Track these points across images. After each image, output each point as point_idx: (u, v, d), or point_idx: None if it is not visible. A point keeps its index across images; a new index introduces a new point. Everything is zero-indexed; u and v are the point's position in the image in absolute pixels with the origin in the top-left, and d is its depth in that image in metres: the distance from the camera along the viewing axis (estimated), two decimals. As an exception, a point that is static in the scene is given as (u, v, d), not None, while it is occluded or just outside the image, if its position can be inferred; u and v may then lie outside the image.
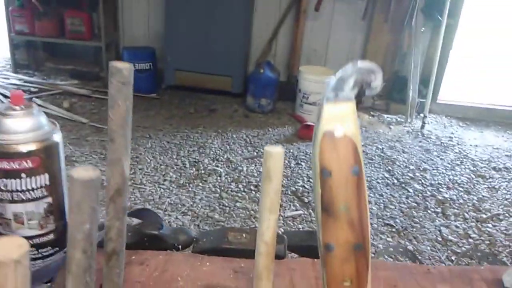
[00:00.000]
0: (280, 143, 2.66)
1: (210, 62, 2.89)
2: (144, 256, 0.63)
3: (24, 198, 0.50)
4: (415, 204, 2.23)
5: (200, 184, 2.16)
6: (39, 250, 0.54)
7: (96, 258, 0.41)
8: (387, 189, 2.35)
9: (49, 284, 0.53)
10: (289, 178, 2.32)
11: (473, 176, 2.51)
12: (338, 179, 0.30)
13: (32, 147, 0.49)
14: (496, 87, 3.42)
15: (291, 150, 2.54)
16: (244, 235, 0.68)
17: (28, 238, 0.52)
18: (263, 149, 0.37)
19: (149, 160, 2.33)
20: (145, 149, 2.44)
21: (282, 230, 0.98)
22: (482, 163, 2.64)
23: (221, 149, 2.52)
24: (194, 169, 2.30)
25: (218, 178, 2.24)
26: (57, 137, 0.52)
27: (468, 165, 2.61)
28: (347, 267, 0.32)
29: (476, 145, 2.82)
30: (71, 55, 3.35)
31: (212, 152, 2.48)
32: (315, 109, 2.90)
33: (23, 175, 0.49)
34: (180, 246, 0.68)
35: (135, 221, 0.70)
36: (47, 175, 0.51)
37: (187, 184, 2.15)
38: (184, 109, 2.93)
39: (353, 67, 0.28)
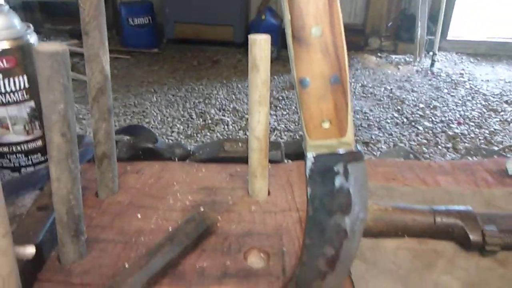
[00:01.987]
0: (285, 90, 2.62)
1: (209, 11, 2.80)
2: (139, 166, 0.62)
3: (4, 101, 0.48)
4: (425, 141, 2.18)
5: (208, 133, 2.15)
6: (29, 157, 0.53)
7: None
8: (397, 128, 2.31)
9: (41, 190, 0.52)
10: (296, 123, 2.29)
11: (485, 111, 2.44)
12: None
13: (5, 45, 0.47)
14: (508, 20, 3.27)
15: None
16: (240, 144, 0.66)
17: (15, 144, 0.51)
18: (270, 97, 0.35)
19: (155, 114, 2.31)
20: (151, 103, 2.42)
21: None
22: (493, 97, 2.56)
23: (227, 99, 2.49)
24: (201, 119, 2.28)
25: (226, 127, 2.22)
26: (33, 38, 0.50)
27: (479, 100, 2.53)
28: (325, 104, 0.29)
29: (488, 80, 2.73)
30: (69, 14, 3.28)
31: (218, 103, 2.45)
32: (320, 54, 2.82)
33: (0, 75, 0.47)
34: (176, 159, 0.67)
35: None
36: (25, 77, 0.49)
37: (195, 134, 2.14)
38: (187, 62, 2.89)
39: None
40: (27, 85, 0.49)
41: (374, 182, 0.59)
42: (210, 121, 2.22)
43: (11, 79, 0.48)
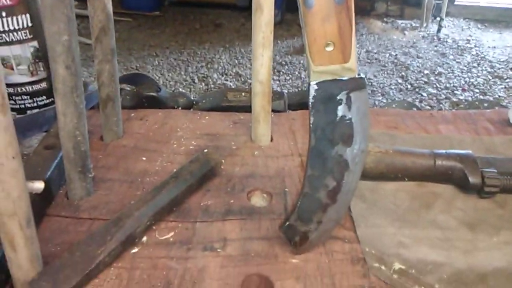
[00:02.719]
0: (289, 54, 2.59)
1: (212, -27, 2.74)
2: (143, 113, 0.63)
3: (8, 39, 0.48)
4: (429, 107, 2.17)
5: (210, 97, 2.14)
6: (34, 99, 0.53)
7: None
8: (400, 94, 2.29)
9: (48, 131, 0.53)
10: (299, 89, 2.27)
11: (490, 78, 2.41)
12: None
13: (9, -17, 0.46)
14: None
15: (301, 61, 2.47)
16: (243, 94, 0.67)
17: (20, 85, 0.51)
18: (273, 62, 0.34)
19: (157, 78, 2.30)
20: (153, 67, 2.40)
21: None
22: (499, 64, 2.53)
23: (230, 64, 2.46)
24: (203, 84, 2.27)
25: (228, 91, 2.20)
26: (35, -24, 0.49)
27: (485, 67, 2.50)
28: (328, 26, 0.29)
29: (495, 47, 2.69)
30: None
31: (220, 67, 2.43)
32: (325, 19, 2.77)
33: (3, 13, 0.47)
34: (180, 108, 0.67)
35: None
36: (28, 16, 0.49)
37: (197, 98, 2.13)
38: (189, 26, 2.84)
39: None
40: (30, 24, 0.49)
41: (376, 129, 0.59)
42: (212, 86, 2.21)
43: (14, 17, 0.48)
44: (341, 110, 0.33)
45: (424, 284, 0.38)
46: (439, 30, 2.75)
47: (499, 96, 2.24)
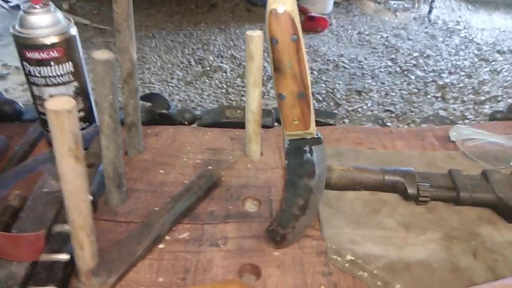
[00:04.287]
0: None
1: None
2: (157, 129, 0.79)
3: (55, 82, 0.64)
4: (416, 90, 2.32)
5: (207, 80, 2.28)
6: (74, 125, 0.69)
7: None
8: (389, 77, 2.43)
9: (86, 150, 0.69)
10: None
11: (476, 60, 2.56)
12: (282, 45, 0.42)
13: (55, 39, 0.61)
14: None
15: None
16: (238, 111, 0.82)
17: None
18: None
19: (155, 60, 2.42)
20: (150, 49, 2.52)
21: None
22: (487, 46, 2.67)
23: (225, 45, 2.58)
24: (199, 66, 2.40)
25: (224, 74, 2.34)
26: (73, 30, 0.64)
27: (472, 49, 2.64)
28: (295, 110, 0.45)
29: (483, 29, 2.82)
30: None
31: (216, 49, 2.55)
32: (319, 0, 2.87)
33: (52, 63, 0.62)
34: (186, 123, 0.83)
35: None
36: (71, 63, 0.64)
37: (194, 81, 2.27)
38: (184, 6, 2.94)
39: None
40: (72, 70, 0.64)
41: (345, 145, 0.76)
42: (208, 68, 2.34)
43: (60, 66, 0.62)
44: (306, 156, 0.50)
45: (367, 270, 0.55)
46: (430, 12, 2.86)
47: (484, 79, 2.40)
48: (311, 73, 2.36)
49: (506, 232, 0.61)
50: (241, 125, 0.77)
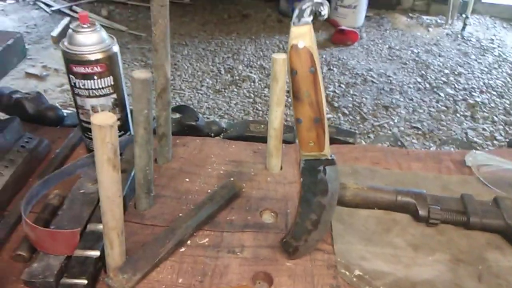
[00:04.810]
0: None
1: (242, -36, 2.89)
2: (185, 140, 0.85)
3: (97, 94, 0.70)
4: (445, 108, 2.32)
5: (235, 89, 2.35)
6: (110, 133, 0.75)
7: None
8: (418, 93, 2.44)
9: (121, 156, 0.75)
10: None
11: (509, 80, 2.53)
12: (301, 76, 0.47)
13: (99, 56, 0.68)
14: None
15: (324, 56, 2.63)
16: (262, 126, 0.88)
17: (102, 123, 0.73)
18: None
19: (186, 67, 2.51)
20: (182, 56, 2.61)
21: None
22: (521, 66, 2.63)
23: (255, 55, 2.65)
24: (229, 75, 2.47)
25: (252, 84, 2.40)
26: (116, 48, 0.71)
27: (505, 69, 2.61)
28: (311, 133, 0.50)
29: (518, 48, 2.78)
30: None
31: (246, 59, 2.62)
32: (350, 13, 2.90)
33: (95, 77, 0.69)
34: (212, 134, 0.89)
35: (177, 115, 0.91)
36: (111, 77, 0.70)
37: (223, 90, 2.34)
38: (217, 15, 3.02)
39: (309, 1, 0.44)
40: (112, 83, 0.70)
41: (362, 164, 0.80)
42: (237, 77, 2.41)
43: (102, 79, 0.69)
44: (320, 176, 0.54)
45: (374, 286, 0.59)
46: (463, 28, 2.84)
47: (516, 100, 2.36)
48: (339, 86, 2.40)
49: (513, 258, 0.63)
50: (263, 139, 0.82)
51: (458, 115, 2.29)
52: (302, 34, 0.45)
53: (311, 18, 0.44)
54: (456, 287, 0.59)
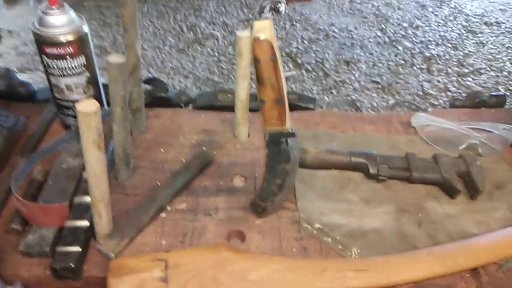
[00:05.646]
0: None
1: None
2: (158, 112, 0.91)
3: (71, 73, 0.75)
4: (403, 62, 2.42)
5: (199, 48, 2.36)
6: (85, 109, 0.80)
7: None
8: (378, 47, 2.52)
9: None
10: (283, 40, 2.47)
11: (463, 32, 2.64)
12: (264, 63, 0.54)
13: (71, 37, 0.72)
14: None
15: (287, 11, 2.65)
16: (229, 95, 0.94)
17: (77, 100, 0.78)
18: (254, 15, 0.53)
19: (147, 25, 2.48)
20: (142, 14, 2.56)
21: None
22: (475, 18, 2.75)
23: (217, 12, 2.64)
24: (191, 33, 2.46)
25: (216, 41, 2.41)
26: (86, 28, 0.74)
27: (460, 21, 2.72)
28: (273, 112, 0.58)
29: (473, -1, 2.89)
30: None
31: (208, 16, 2.60)
32: (312, -35, 2.89)
33: (67, 57, 0.73)
34: (182, 105, 0.95)
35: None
36: (83, 57, 0.74)
37: (186, 48, 2.34)
38: (177, -31, 2.94)
39: (267, -1, 0.51)
40: (84, 62, 0.74)
41: (321, 128, 0.89)
42: (200, 35, 2.41)
43: (74, 59, 0.73)
44: (282, 147, 0.63)
45: (331, 236, 0.70)
46: (422, -20, 2.90)
47: (469, 52, 2.50)
48: (302, 42, 2.45)
49: (447, 206, 0.75)
50: (231, 108, 0.89)
51: (415, 68, 2.40)
52: (263, 28, 0.52)
53: (270, 14, 0.51)
54: (399, 233, 0.71)
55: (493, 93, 0.99)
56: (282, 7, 0.50)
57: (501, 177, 0.80)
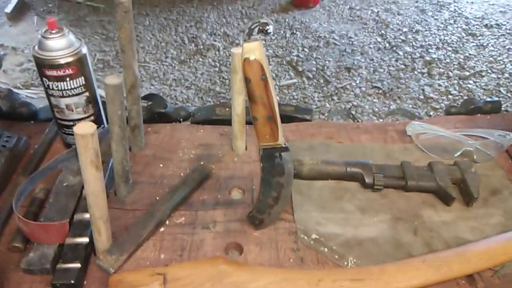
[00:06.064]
0: (275, 12, 2.79)
1: None
2: (156, 127, 0.93)
3: (70, 94, 0.77)
4: (403, 66, 2.43)
5: (200, 59, 2.39)
6: (85, 127, 0.82)
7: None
8: (378, 53, 2.54)
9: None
10: (284, 49, 2.50)
11: (464, 35, 2.65)
12: (254, 83, 0.56)
13: (70, 59, 0.74)
14: None
15: (287, 20, 2.68)
16: (227, 109, 0.96)
17: (77, 120, 0.80)
18: (258, 20, 0.54)
19: (149, 38, 2.52)
20: (144, 27, 2.60)
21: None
22: (475, 20, 2.76)
23: (218, 23, 2.67)
24: (193, 44, 2.50)
25: (217, 52, 2.44)
26: (84, 49, 0.77)
27: (460, 24, 2.73)
28: (266, 128, 0.60)
29: (472, 2, 2.90)
30: None
31: (209, 27, 2.64)
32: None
33: (67, 79, 0.75)
34: (181, 119, 0.97)
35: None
36: (83, 78, 0.77)
37: (188, 60, 2.37)
38: (177, -18, 2.99)
39: (256, 21, 0.52)
40: (84, 83, 0.76)
41: (317, 139, 0.90)
42: (201, 47, 2.45)
43: (74, 80, 0.75)
44: (276, 161, 0.64)
45: (327, 246, 0.71)
46: (421, -16, 2.92)
47: (470, 55, 2.51)
48: (303, 50, 2.47)
49: (443, 214, 0.76)
50: (229, 122, 0.91)
51: (415, 72, 2.41)
52: (252, 49, 0.54)
53: (259, 35, 0.53)
54: (395, 241, 0.72)
55: (488, 99, 1.00)
56: (270, 29, 0.52)
57: (496, 183, 0.81)
